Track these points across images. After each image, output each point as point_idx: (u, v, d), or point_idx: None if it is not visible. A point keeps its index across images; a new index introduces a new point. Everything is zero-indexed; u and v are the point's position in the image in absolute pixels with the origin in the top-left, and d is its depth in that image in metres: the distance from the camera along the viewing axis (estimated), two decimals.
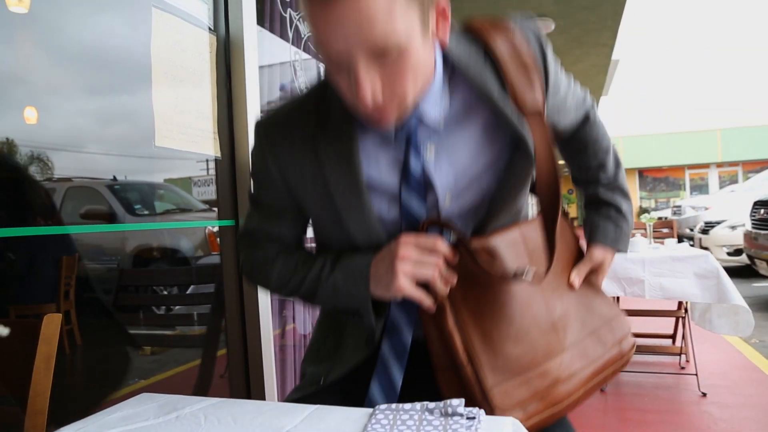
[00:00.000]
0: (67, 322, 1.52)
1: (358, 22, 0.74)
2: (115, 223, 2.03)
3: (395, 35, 0.76)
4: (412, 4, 0.77)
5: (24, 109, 1.32)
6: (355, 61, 0.77)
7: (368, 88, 0.79)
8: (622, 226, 1.20)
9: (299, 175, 0.98)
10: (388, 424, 0.77)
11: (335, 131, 0.94)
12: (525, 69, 0.93)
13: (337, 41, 0.76)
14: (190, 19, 1.75)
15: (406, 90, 0.83)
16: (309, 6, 0.77)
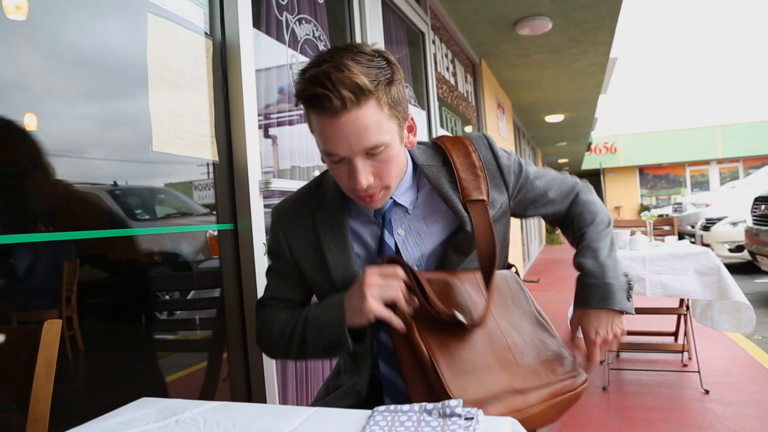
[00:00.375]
0: (69, 328, 1.52)
1: (357, 131, 1.04)
2: (117, 228, 2.03)
3: (382, 138, 1.06)
4: (392, 118, 1.09)
5: (24, 116, 1.33)
6: (354, 159, 1.07)
7: (364, 178, 1.08)
8: (588, 284, 1.26)
9: (302, 246, 1.27)
10: (387, 426, 0.78)
11: (330, 208, 1.25)
12: (473, 169, 1.24)
13: (342, 146, 1.06)
14: (186, 24, 1.76)
15: (390, 177, 1.12)
16: (318, 120, 1.06)
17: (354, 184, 1.08)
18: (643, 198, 26.09)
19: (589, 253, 1.28)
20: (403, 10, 3.91)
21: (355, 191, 1.12)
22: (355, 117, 1.02)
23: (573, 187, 1.42)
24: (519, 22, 5.30)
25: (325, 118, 1.04)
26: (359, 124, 1.03)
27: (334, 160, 1.10)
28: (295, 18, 2.44)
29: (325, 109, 1.03)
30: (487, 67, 6.97)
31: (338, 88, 1.00)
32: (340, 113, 1.02)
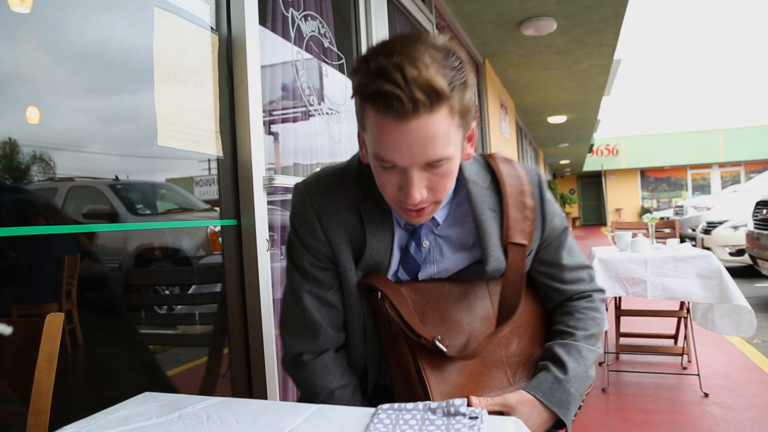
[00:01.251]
0: (69, 322, 1.52)
1: (423, 141, 0.89)
2: (117, 222, 2.03)
3: (447, 151, 0.92)
4: (460, 129, 0.95)
5: (26, 109, 1.32)
6: (411, 170, 0.93)
7: (417, 192, 0.94)
8: (560, 381, 1.10)
9: (340, 235, 1.11)
10: (391, 424, 0.77)
11: (380, 210, 1.10)
12: (523, 209, 1.12)
13: (402, 153, 0.91)
14: (192, 19, 1.75)
15: (443, 193, 0.99)
16: (379, 120, 0.90)
17: (405, 197, 0.95)
18: (644, 200, 26.08)
19: (575, 354, 1.14)
20: (408, 8, 3.90)
21: (402, 204, 0.98)
22: (424, 124, 0.88)
23: (590, 279, 1.29)
24: (524, 22, 5.29)
25: (388, 120, 0.88)
26: (428, 133, 0.88)
27: (385, 167, 0.95)
28: (301, 14, 2.44)
29: (390, 110, 0.87)
30: (491, 67, 6.96)
31: (412, 88, 0.85)
32: (409, 118, 0.87)
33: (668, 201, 25.03)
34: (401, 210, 1.02)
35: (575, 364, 1.12)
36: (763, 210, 5.97)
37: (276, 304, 2.00)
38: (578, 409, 1.14)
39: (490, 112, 6.89)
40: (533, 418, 1.05)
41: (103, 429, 0.83)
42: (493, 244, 1.10)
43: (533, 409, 1.06)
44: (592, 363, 1.16)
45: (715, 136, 24.23)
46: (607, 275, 3.27)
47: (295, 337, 1.16)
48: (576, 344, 1.15)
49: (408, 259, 1.14)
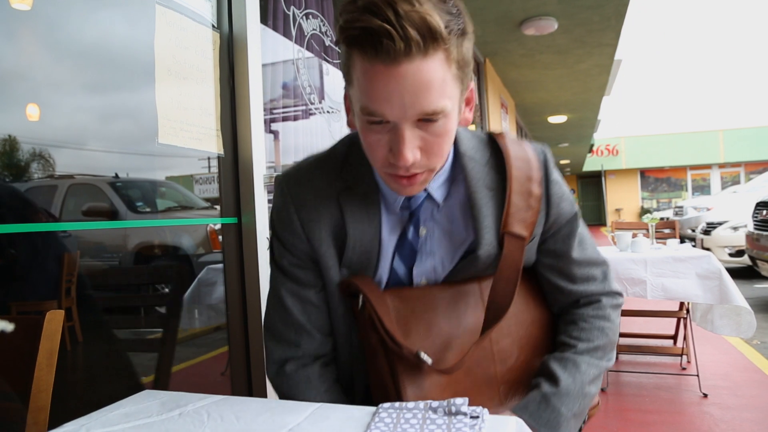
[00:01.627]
0: (68, 319, 1.52)
1: (416, 89, 0.78)
2: (117, 220, 2.03)
3: (443, 103, 0.81)
4: (457, 81, 0.84)
5: (26, 106, 1.32)
6: (402, 125, 0.82)
7: (410, 152, 0.83)
8: (548, 399, 0.99)
9: (321, 229, 1.01)
10: (392, 423, 0.77)
11: (362, 199, 0.99)
12: (528, 197, 0.99)
13: (392, 105, 0.80)
14: (194, 16, 1.75)
15: (440, 157, 0.88)
16: (367, 65, 0.80)
17: (396, 158, 0.83)
18: (643, 201, 26.10)
19: (571, 368, 1.02)
20: None
21: (392, 168, 0.86)
22: (418, 68, 0.77)
23: (604, 277, 1.12)
24: (525, 21, 5.29)
25: (377, 63, 0.78)
26: (421, 79, 0.78)
27: (373, 121, 0.83)
28: (303, 12, 2.44)
29: (380, 52, 0.77)
30: (492, 66, 6.96)
31: (404, 24, 0.75)
32: (401, 60, 0.77)
33: (668, 201, 25.05)
34: (391, 178, 0.89)
35: (569, 380, 1.00)
36: (763, 211, 5.98)
37: None
38: (579, 430, 1.03)
39: (490, 112, 6.89)
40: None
41: (103, 426, 0.83)
42: (486, 226, 0.98)
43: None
44: (594, 378, 1.04)
45: (715, 137, 24.24)
46: None
47: (279, 343, 1.06)
48: (574, 357, 1.03)
49: (405, 245, 1.01)
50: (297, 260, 1.04)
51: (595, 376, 1.04)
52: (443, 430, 0.75)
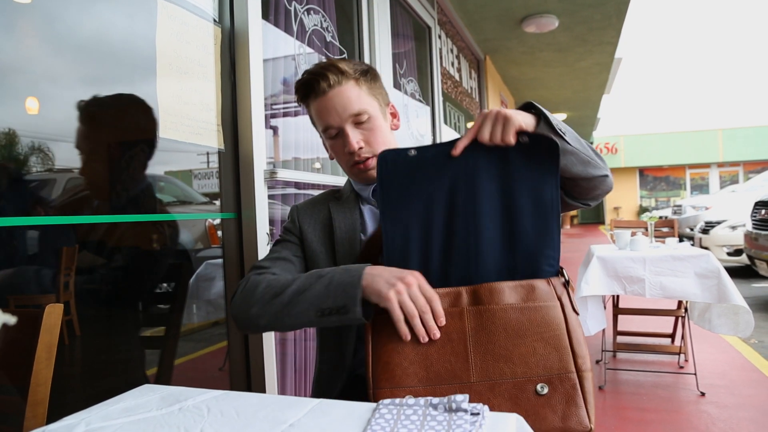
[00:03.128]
0: (67, 313, 1.52)
1: (342, 103, 1.28)
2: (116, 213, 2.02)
3: (363, 107, 1.30)
4: (371, 96, 1.33)
5: (26, 100, 1.32)
6: (344, 127, 1.29)
7: (354, 141, 1.29)
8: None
9: (312, 222, 1.38)
10: (392, 419, 0.77)
11: (345, 201, 1.40)
12: None
13: (332, 116, 1.29)
14: (196, 11, 1.75)
15: (377, 144, 1.31)
16: (314, 104, 1.31)
17: (347, 148, 1.29)
18: (642, 199, 26.11)
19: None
20: (410, 3, 3.89)
21: (351, 159, 1.31)
22: (338, 92, 1.28)
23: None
24: (525, 19, 5.29)
25: (317, 100, 1.29)
26: (343, 96, 1.28)
27: (331, 136, 1.32)
28: (304, 8, 2.43)
29: (317, 92, 1.29)
30: (492, 63, 6.95)
31: (324, 73, 1.27)
32: (327, 91, 1.28)
33: (667, 200, 25.07)
34: (355, 170, 1.33)
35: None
36: (762, 210, 5.98)
37: None
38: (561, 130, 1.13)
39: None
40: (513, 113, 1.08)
41: (103, 420, 0.83)
42: None
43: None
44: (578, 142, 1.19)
45: (714, 136, 24.25)
46: (605, 273, 3.27)
47: (255, 269, 1.29)
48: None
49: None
50: (289, 237, 1.39)
51: (582, 146, 1.19)
52: (443, 426, 0.75)
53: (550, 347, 1.00)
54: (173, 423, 0.81)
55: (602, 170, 1.21)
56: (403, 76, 3.75)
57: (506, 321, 1.01)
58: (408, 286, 1.01)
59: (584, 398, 0.97)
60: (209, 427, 0.78)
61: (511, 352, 0.99)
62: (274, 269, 1.27)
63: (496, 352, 0.99)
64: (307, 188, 2.46)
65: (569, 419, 0.95)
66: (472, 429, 0.73)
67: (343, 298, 1.04)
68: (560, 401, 0.96)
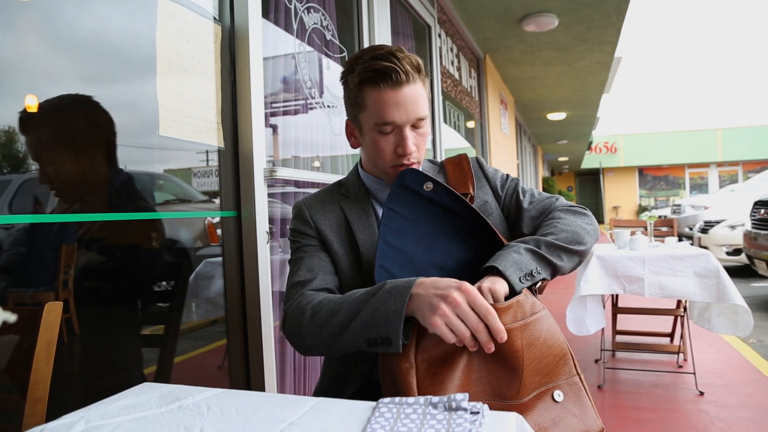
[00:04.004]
0: (66, 311, 1.52)
1: (414, 101, 1.21)
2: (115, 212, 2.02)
3: (426, 112, 1.24)
4: (428, 101, 1.27)
5: (25, 97, 1.31)
6: (404, 128, 1.22)
7: (411, 144, 1.22)
8: (511, 250, 1.11)
9: (329, 223, 1.32)
10: (392, 418, 0.77)
11: (355, 200, 1.35)
12: (461, 169, 1.37)
13: (400, 113, 1.20)
14: (196, 9, 1.74)
15: (424, 151, 1.28)
16: (379, 93, 1.19)
17: (403, 150, 1.22)
18: (641, 199, 26.12)
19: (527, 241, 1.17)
20: (410, 1, 3.89)
21: (398, 161, 1.24)
22: (413, 89, 1.20)
23: (552, 201, 1.37)
24: (525, 18, 5.28)
25: (387, 90, 1.19)
26: (417, 95, 1.21)
27: (385, 131, 1.22)
28: (304, 6, 2.43)
29: (390, 81, 1.18)
30: (492, 62, 6.95)
31: (403, 63, 1.18)
32: (403, 85, 1.19)
33: (666, 199, 25.09)
34: (394, 171, 1.25)
35: (520, 245, 1.14)
36: (761, 210, 5.98)
37: (275, 296, 2.00)
38: (532, 271, 1.09)
39: (489, 108, 6.88)
40: (494, 283, 1.03)
41: (103, 419, 0.83)
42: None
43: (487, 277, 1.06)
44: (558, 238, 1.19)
45: (713, 136, 24.26)
46: (604, 272, 3.27)
47: (294, 287, 1.25)
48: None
49: None
50: (307, 241, 1.33)
51: (562, 248, 1.18)
52: (443, 425, 0.75)
53: (555, 355, 1.03)
54: (173, 421, 0.81)
55: (586, 250, 1.26)
56: None
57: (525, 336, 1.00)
58: (455, 306, 0.93)
59: (589, 398, 1.03)
60: (209, 426, 0.78)
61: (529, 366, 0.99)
62: (313, 282, 1.24)
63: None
64: (307, 187, 2.46)
65: (587, 421, 0.99)
66: (472, 428, 0.73)
67: (386, 328, 0.98)
68: (574, 405, 1.03)
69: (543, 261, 1.13)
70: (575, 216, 1.29)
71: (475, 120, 6.47)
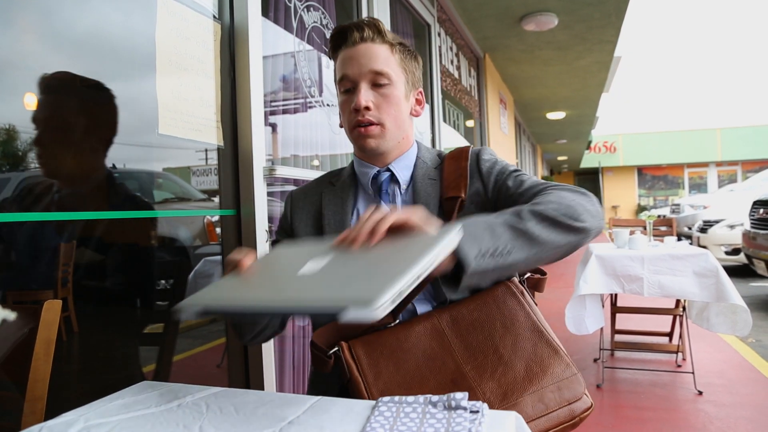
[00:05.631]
0: (64, 309, 1.52)
1: (367, 56, 1.20)
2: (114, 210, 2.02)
3: (388, 69, 1.21)
4: (401, 69, 1.25)
5: (24, 95, 1.31)
6: (360, 83, 1.20)
7: (363, 98, 1.18)
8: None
9: (303, 217, 1.32)
10: (392, 417, 0.77)
11: (339, 190, 1.32)
12: (458, 167, 1.26)
13: (352, 67, 1.20)
14: (195, 7, 1.74)
15: (388, 115, 1.22)
16: (342, 52, 1.23)
17: (354, 104, 1.19)
18: (640, 198, 26.14)
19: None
20: (410, 0, 3.89)
21: (354, 118, 1.21)
22: (369, 47, 1.21)
23: (548, 184, 1.17)
24: (525, 17, 5.28)
25: (345, 49, 1.22)
26: (373, 52, 1.21)
27: (344, 88, 1.23)
28: (304, 5, 2.43)
29: (347, 42, 1.22)
30: (491, 61, 6.95)
31: (362, 26, 1.21)
32: (358, 43, 1.21)
33: (665, 199, 25.10)
34: (353, 134, 1.23)
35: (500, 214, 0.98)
36: (760, 209, 5.99)
37: None
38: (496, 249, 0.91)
39: (489, 107, 6.88)
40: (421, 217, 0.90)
41: (102, 417, 0.83)
42: (429, 204, 1.22)
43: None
44: (531, 216, 0.97)
45: (712, 135, 24.27)
46: (604, 272, 3.27)
47: None
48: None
49: None
50: (280, 235, 1.36)
51: (537, 221, 0.97)
52: (443, 424, 0.74)
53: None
54: (172, 419, 0.81)
55: (585, 229, 1.02)
56: None
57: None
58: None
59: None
60: (208, 424, 0.78)
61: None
62: None
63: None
64: None
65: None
66: (472, 427, 0.73)
67: None
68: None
69: (520, 236, 0.94)
70: (574, 194, 1.08)
71: (475, 119, 6.46)
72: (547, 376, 1.03)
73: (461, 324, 1.10)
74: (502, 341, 1.07)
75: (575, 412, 1.03)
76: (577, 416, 1.03)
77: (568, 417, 1.02)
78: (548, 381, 1.03)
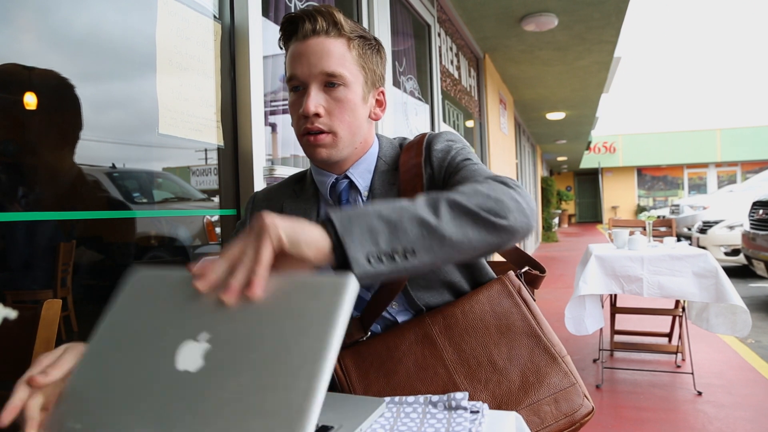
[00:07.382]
0: (64, 309, 1.52)
1: (319, 54, 1.06)
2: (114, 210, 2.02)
3: (341, 70, 1.06)
4: (359, 67, 1.10)
5: (25, 95, 1.31)
6: (310, 84, 1.06)
7: (312, 103, 1.05)
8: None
9: None
10: (392, 417, 0.77)
11: (301, 200, 1.21)
12: (413, 167, 1.13)
13: (302, 66, 1.06)
14: (196, 7, 1.74)
15: (340, 122, 1.08)
16: (292, 45, 1.09)
17: (303, 109, 1.05)
18: (640, 199, 26.15)
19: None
20: (410, 1, 3.89)
21: (302, 125, 1.07)
22: (321, 42, 1.06)
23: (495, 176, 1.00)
24: (525, 17, 5.28)
25: (296, 43, 1.08)
26: (323, 48, 1.06)
27: (292, 87, 1.10)
28: (304, 5, 2.42)
29: (297, 33, 1.07)
30: (491, 62, 6.95)
31: (314, 16, 1.06)
32: (309, 37, 1.06)
33: (664, 200, 25.11)
34: (302, 141, 1.11)
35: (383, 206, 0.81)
36: (759, 210, 5.99)
37: None
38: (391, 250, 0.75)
39: (488, 108, 6.88)
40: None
41: None
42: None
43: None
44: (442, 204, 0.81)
45: (712, 136, 24.28)
46: (603, 272, 3.28)
47: None
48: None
49: None
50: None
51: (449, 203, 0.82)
52: (443, 424, 0.74)
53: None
54: None
55: (509, 228, 0.85)
56: (402, 74, 3.74)
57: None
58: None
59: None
60: None
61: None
62: None
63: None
64: None
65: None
66: (472, 427, 0.73)
67: None
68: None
69: (430, 234, 0.77)
70: (506, 187, 0.90)
71: (474, 119, 6.46)
72: (544, 387, 1.01)
73: (454, 330, 1.07)
74: (497, 348, 1.05)
75: (575, 419, 1.02)
76: (577, 422, 1.02)
77: (567, 424, 1.01)
78: (544, 392, 1.01)
